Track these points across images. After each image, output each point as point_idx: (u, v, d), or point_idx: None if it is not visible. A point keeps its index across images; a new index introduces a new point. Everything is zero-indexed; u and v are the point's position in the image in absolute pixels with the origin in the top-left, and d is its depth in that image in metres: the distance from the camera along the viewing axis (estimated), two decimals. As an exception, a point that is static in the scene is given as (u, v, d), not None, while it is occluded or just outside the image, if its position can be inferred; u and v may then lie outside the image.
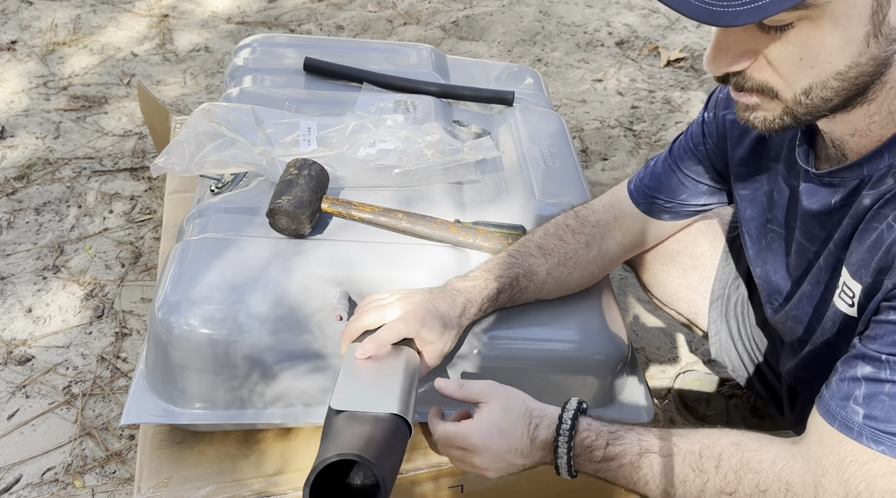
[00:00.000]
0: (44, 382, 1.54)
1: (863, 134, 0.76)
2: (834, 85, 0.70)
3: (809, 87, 0.71)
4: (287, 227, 1.06)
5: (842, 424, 0.73)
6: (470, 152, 1.23)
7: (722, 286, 1.20)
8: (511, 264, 1.03)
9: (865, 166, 0.77)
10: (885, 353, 0.71)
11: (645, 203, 1.10)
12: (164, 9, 2.88)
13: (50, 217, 1.93)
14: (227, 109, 1.24)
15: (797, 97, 0.72)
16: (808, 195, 0.86)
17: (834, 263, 0.84)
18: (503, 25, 2.84)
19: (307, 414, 1.06)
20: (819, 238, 0.87)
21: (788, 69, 0.70)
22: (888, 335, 0.71)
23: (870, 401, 0.72)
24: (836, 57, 0.68)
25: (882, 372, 0.71)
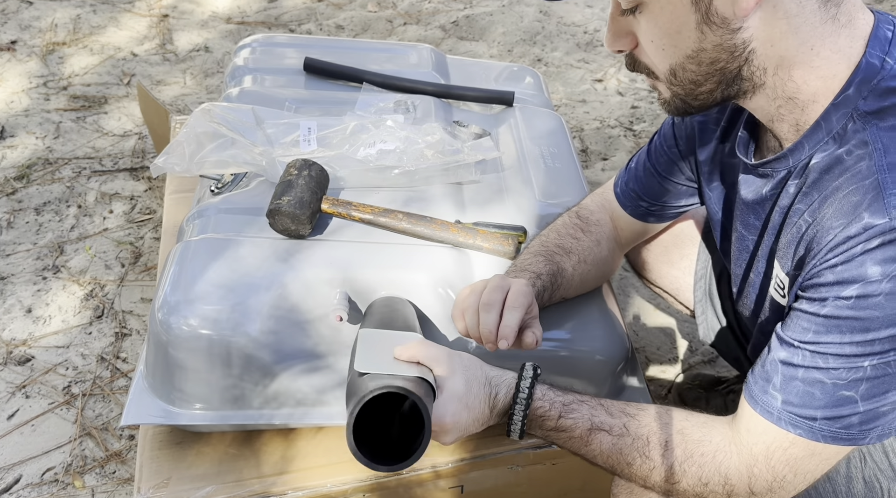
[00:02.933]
0: (44, 382, 1.54)
1: (779, 119, 0.80)
2: (691, 68, 0.76)
3: (671, 68, 0.77)
4: (287, 228, 1.06)
5: (763, 408, 0.78)
6: (470, 153, 1.23)
7: (704, 265, 1.23)
8: (548, 261, 1.05)
9: (790, 157, 0.80)
10: (796, 339, 0.76)
11: (631, 206, 1.12)
12: (164, 9, 2.88)
13: (50, 217, 1.93)
14: (227, 109, 1.24)
15: (668, 78, 0.78)
16: (745, 185, 0.89)
17: (768, 253, 0.87)
18: (503, 25, 2.84)
19: (307, 414, 1.06)
20: (755, 228, 0.90)
21: (650, 51, 0.77)
22: (799, 323, 0.76)
23: (786, 386, 0.76)
24: (678, 40, 0.74)
25: (795, 357, 0.76)
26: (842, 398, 0.74)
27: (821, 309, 0.74)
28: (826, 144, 0.77)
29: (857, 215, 0.71)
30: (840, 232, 0.72)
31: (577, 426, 0.85)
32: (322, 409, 1.06)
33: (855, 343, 0.72)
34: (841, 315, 0.72)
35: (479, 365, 0.87)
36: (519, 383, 0.85)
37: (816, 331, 0.74)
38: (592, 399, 0.87)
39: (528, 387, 0.85)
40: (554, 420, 0.85)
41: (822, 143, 0.77)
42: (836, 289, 0.72)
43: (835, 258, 0.72)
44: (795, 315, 0.77)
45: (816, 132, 0.77)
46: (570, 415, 0.85)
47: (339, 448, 1.09)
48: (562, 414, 0.85)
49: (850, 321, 0.72)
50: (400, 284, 1.03)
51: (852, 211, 0.71)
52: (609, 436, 0.84)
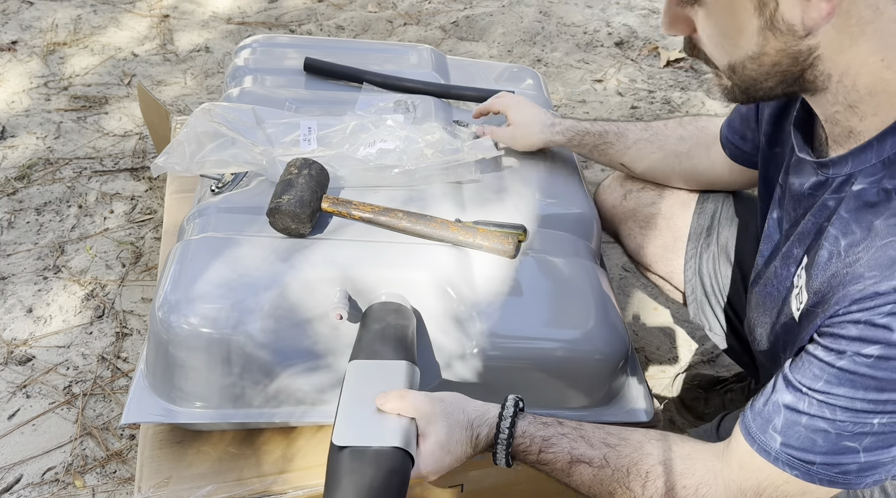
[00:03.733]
0: (44, 381, 1.54)
1: (834, 122, 0.77)
2: (751, 68, 0.73)
3: (731, 65, 0.74)
4: (287, 227, 1.06)
5: (760, 447, 0.77)
6: (470, 152, 1.23)
7: (694, 245, 1.24)
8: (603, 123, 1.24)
9: (831, 168, 0.78)
10: (805, 386, 0.74)
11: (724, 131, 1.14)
12: (165, 9, 2.88)
13: (50, 217, 1.93)
14: (227, 109, 1.24)
15: (727, 72, 0.75)
16: (794, 171, 0.88)
17: (793, 259, 0.85)
18: (503, 26, 2.84)
19: (307, 413, 1.06)
20: (790, 219, 0.89)
21: (708, 44, 0.75)
22: (811, 369, 0.73)
23: (787, 430, 0.75)
24: (738, 41, 0.71)
25: (801, 403, 0.74)
26: (844, 448, 0.73)
27: (837, 360, 0.71)
28: (873, 168, 0.72)
29: (893, 273, 0.67)
30: (871, 286, 0.68)
31: (558, 460, 0.85)
32: (322, 407, 1.06)
33: (868, 400, 0.70)
34: (858, 371, 0.70)
35: (461, 408, 0.86)
36: (500, 423, 0.86)
37: (828, 381, 0.72)
38: (574, 430, 0.87)
39: (508, 426, 0.85)
40: (535, 454, 0.86)
41: (868, 166, 0.73)
42: (857, 345, 0.69)
43: (860, 313, 0.69)
44: (808, 360, 0.74)
45: (866, 152, 0.73)
46: (549, 449, 0.85)
47: (340, 447, 1.09)
48: (542, 449, 0.86)
49: (866, 379, 0.70)
50: (400, 282, 1.03)
51: (889, 266, 0.67)
52: (590, 468, 0.84)
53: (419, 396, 0.85)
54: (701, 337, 1.71)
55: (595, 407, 1.13)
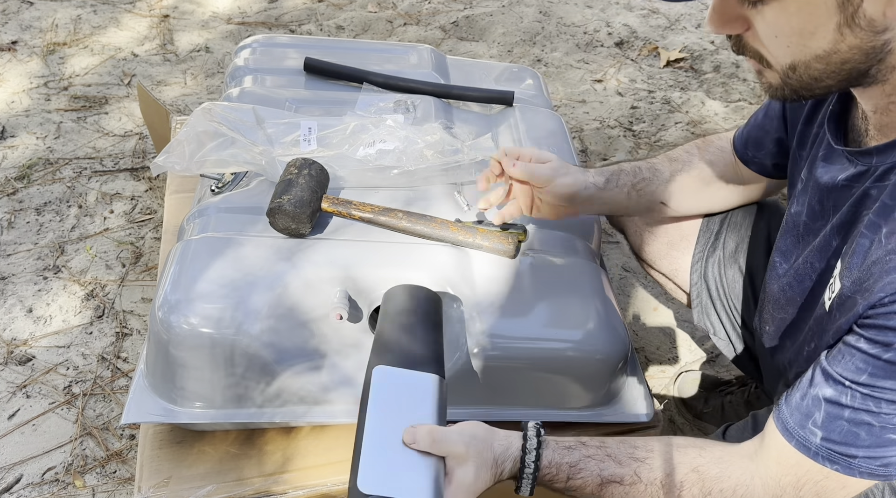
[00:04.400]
0: (44, 381, 1.54)
1: (883, 111, 0.76)
2: (818, 67, 0.70)
3: (793, 64, 0.71)
4: (287, 227, 1.06)
5: (799, 442, 0.75)
6: (470, 152, 1.23)
7: (701, 249, 1.24)
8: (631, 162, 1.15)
9: (875, 156, 0.77)
10: (848, 379, 0.72)
11: (741, 150, 1.13)
12: (165, 9, 2.88)
13: (50, 217, 1.93)
14: (227, 109, 1.24)
15: (785, 71, 0.73)
16: (823, 165, 0.86)
17: (830, 250, 0.84)
18: (503, 26, 2.84)
19: (307, 413, 1.06)
20: (818, 213, 0.87)
21: (770, 43, 0.71)
22: (854, 362, 0.72)
23: (828, 424, 0.73)
24: (809, 41, 0.69)
25: (843, 397, 0.72)
26: (888, 440, 0.72)
27: (883, 353, 0.69)
28: None
29: None
30: None
31: (588, 484, 0.83)
32: (322, 407, 1.06)
33: None
34: None
35: (489, 445, 0.83)
36: (524, 457, 0.83)
37: (874, 374, 0.70)
38: (599, 449, 0.85)
39: (533, 460, 0.83)
40: (563, 482, 0.84)
41: None
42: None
43: None
44: (849, 352, 0.73)
45: None
46: (578, 475, 0.83)
47: (340, 447, 1.09)
48: (570, 476, 0.83)
49: None
50: (400, 282, 1.03)
51: None
52: (621, 486, 0.82)
53: (451, 435, 0.80)
54: (701, 337, 1.71)
55: (595, 407, 1.13)
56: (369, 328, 1.03)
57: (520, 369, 1.07)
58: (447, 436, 0.80)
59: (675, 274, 1.29)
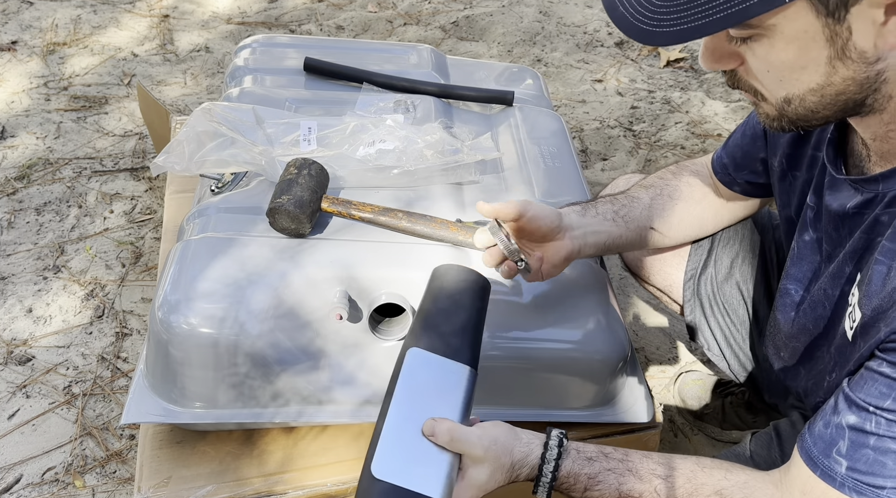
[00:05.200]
0: (44, 381, 1.54)
1: (882, 139, 0.75)
2: (812, 99, 0.70)
3: (788, 97, 0.71)
4: (287, 227, 1.06)
5: (824, 473, 0.73)
6: (469, 153, 1.23)
7: (694, 267, 1.23)
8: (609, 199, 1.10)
9: (882, 183, 0.76)
10: (871, 405, 0.71)
11: (721, 173, 1.12)
12: (165, 9, 2.88)
13: (50, 217, 1.93)
14: (227, 109, 1.24)
15: (780, 104, 0.72)
16: (830, 192, 0.85)
17: (841, 276, 0.83)
18: (503, 26, 2.84)
19: (308, 413, 1.06)
20: (834, 241, 0.86)
21: (763, 78, 0.71)
22: (877, 387, 0.71)
23: (853, 453, 0.72)
24: (801, 75, 0.68)
25: (867, 424, 0.71)
26: None
27: None
28: None
29: None
30: None
31: (605, 497, 0.82)
32: (322, 407, 1.06)
33: None
34: None
35: (509, 450, 0.82)
36: (542, 466, 0.82)
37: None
38: (621, 463, 0.83)
39: (551, 470, 0.82)
40: (580, 492, 0.83)
41: None
42: None
43: None
44: (871, 377, 0.71)
45: None
46: (596, 487, 0.82)
47: (340, 447, 1.09)
48: (587, 487, 0.82)
49: None
50: (400, 282, 1.03)
51: None
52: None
53: (471, 437, 0.79)
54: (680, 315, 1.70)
55: (595, 407, 1.13)
56: (369, 328, 1.03)
57: (520, 369, 1.07)
58: (467, 437, 0.79)
59: (670, 289, 1.28)
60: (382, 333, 1.05)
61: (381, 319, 1.07)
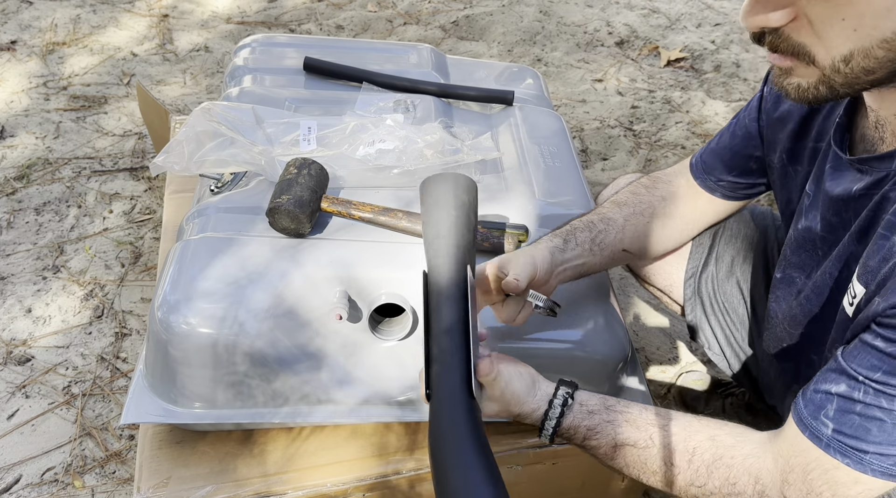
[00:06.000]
0: (44, 382, 1.54)
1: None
2: (878, 54, 0.65)
3: (850, 53, 0.66)
4: (287, 227, 1.06)
5: (812, 433, 0.75)
6: (469, 153, 1.23)
7: (695, 265, 1.23)
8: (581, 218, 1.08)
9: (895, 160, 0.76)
10: (862, 375, 0.72)
11: (702, 178, 1.11)
12: (164, 9, 2.88)
13: (50, 217, 1.93)
14: (226, 108, 1.24)
15: (835, 64, 0.67)
16: (833, 178, 0.85)
17: (846, 257, 0.83)
18: (503, 25, 2.84)
19: (307, 413, 1.06)
20: (833, 226, 0.86)
21: (829, 31, 0.65)
22: (870, 359, 0.72)
23: (840, 417, 0.73)
24: (882, 20, 0.63)
25: (856, 392, 0.72)
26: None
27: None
28: None
29: None
30: None
31: (602, 445, 0.86)
32: (322, 407, 1.06)
33: None
34: None
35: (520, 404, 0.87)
36: (544, 421, 0.87)
37: (888, 372, 0.70)
38: (620, 414, 0.87)
39: (552, 427, 0.87)
40: (579, 441, 0.88)
41: None
42: None
43: None
44: (865, 349, 0.72)
45: None
46: (594, 437, 0.86)
47: (340, 447, 1.09)
48: (586, 437, 0.87)
49: None
50: (400, 282, 1.03)
51: None
52: (634, 449, 0.85)
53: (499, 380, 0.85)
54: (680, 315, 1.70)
55: (595, 407, 1.13)
56: (369, 328, 1.03)
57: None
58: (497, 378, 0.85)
59: (671, 289, 1.28)
60: (382, 333, 1.04)
61: (380, 319, 1.07)
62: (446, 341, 0.78)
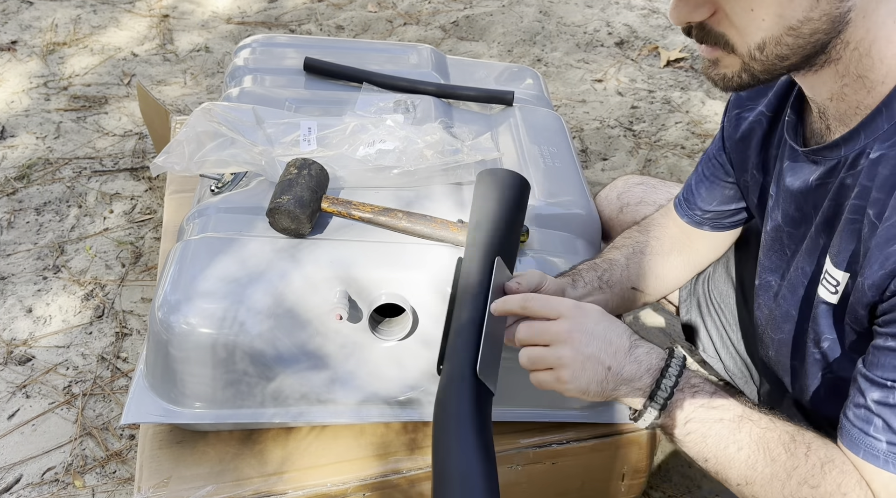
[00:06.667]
0: (44, 381, 1.54)
1: (839, 97, 0.76)
2: (788, 41, 0.70)
3: (763, 41, 0.71)
4: (287, 227, 1.06)
5: (867, 452, 0.73)
6: (469, 153, 1.23)
7: None
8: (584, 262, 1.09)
9: (843, 147, 0.77)
10: (889, 379, 0.72)
11: (689, 215, 1.12)
12: (165, 9, 2.88)
13: (50, 217, 1.93)
14: (227, 109, 1.24)
15: (752, 52, 0.72)
16: (791, 173, 0.86)
17: (816, 249, 0.84)
18: (503, 25, 2.84)
19: (307, 413, 1.06)
20: (797, 220, 0.87)
21: (742, 21, 0.70)
22: (889, 361, 0.72)
23: (888, 428, 0.72)
24: (787, 10, 0.68)
25: (890, 398, 0.72)
26: None
27: None
28: (886, 134, 0.72)
29: None
30: None
31: (729, 409, 0.79)
32: (322, 407, 1.06)
33: None
34: None
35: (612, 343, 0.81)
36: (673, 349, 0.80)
37: None
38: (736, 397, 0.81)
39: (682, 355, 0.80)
40: (707, 395, 0.79)
41: (881, 133, 0.73)
42: None
43: None
44: (881, 354, 0.72)
45: (875, 119, 0.73)
46: (721, 396, 0.80)
47: (340, 447, 1.09)
48: (714, 393, 0.80)
49: None
50: (400, 283, 1.03)
51: None
52: (757, 427, 0.78)
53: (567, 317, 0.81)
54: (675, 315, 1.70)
55: (595, 407, 1.13)
56: (369, 328, 1.03)
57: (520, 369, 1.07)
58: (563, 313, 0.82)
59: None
60: (382, 333, 1.05)
61: (381, 319, 1.07)
62: (464, 320, 0.82)
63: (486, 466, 0.73)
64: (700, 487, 1.40)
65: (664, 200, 1.25)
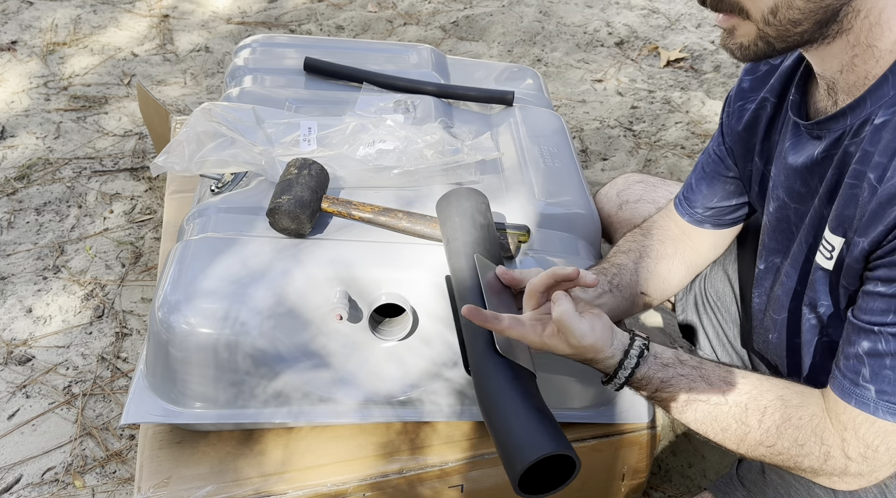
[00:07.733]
0: (44, 381, 1.54)
1: (849, 69, 0.77)
2: (799, 4, 0.72)
3: (775, 5, 0.72)
4: (287, 227, 1.06)
5: (858, 401, 0.76)
6: (469, 153, 1.23)
7: None
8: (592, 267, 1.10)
9: (850, 115, 0.78)
10: (876, 324, 0.73)
11: (689, 214, 1.12)
12: (165, 9, 2.88)
13: (50, 217, 1.93)
14: (227, 109, 1.24)
15: (765, 17, 0.73)
16: (794, 150, 0.87)
17: (818, 221, 0.85)
18: (503, 25, 2.84)
19: (307, 413, 1.06)
20: (802, 195, 0.88)
21: None
22: (877, 305, 0.73)
23: (876, 377, 0.74)
24: None
25: (879, 344, 0.73)
26: None
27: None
28: (892, 100, 0.73)
29: None
30: None
31: (675, 397, 0.85)
32: (322, 407, 1.06)
33: None
34: None
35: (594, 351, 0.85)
36: (617, 371, 0.85)
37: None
38: (695, 370, 0.86)
39: (625, 376, 0.85)
40: (650, 392, 0.86)
41: (886, 99, 0.74)
42: None
43: None
44: (870, 298, 0.74)
45: (882, 86, 0.74)
46: (666, 390, 0.85)
47: (340, 447, 1.09)
48: (658, 389, 0.86)
49: None
50: (400, 282, 1.03)
51: None
52: (706, 405, 0.84)
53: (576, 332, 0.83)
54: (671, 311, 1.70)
55: (595, 407, 1.13)
56: (369, 328, 1.03)
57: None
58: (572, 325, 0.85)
59: None
60: (382, 333, 1.05)
61: (381, 319, 1.07)
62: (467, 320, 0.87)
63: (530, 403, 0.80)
64: (700, 487, 1.40)
65: (664, 198, 1.25)
